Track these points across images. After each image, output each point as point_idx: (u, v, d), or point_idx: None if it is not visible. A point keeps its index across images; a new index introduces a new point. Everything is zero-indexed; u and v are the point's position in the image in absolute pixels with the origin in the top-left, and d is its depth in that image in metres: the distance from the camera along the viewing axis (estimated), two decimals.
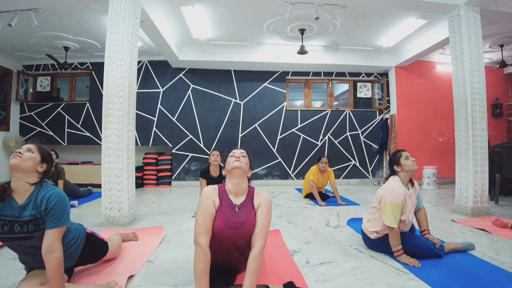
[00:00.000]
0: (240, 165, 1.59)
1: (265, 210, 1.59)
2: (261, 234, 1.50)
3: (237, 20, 4.34)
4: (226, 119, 6.12)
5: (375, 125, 6.38)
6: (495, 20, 3.96)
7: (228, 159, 1.67)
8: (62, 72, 5.97)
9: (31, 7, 3.58)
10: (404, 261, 1.94)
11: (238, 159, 1.62)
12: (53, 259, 1.38)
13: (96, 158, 6.06)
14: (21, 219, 1.42)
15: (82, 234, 1.73)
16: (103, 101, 3.03)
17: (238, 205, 1.58)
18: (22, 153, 1.46)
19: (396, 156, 2.17)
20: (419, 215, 2.26)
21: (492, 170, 3.94)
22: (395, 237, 1.99)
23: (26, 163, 1.46)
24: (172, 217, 3.34)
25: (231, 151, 1.71)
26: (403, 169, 2.11)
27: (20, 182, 1.45)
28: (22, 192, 1.46)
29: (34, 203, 1.45)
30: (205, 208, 1.51)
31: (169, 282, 1.72)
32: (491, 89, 5.94)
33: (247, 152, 1.74)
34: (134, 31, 3.19)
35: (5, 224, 1.41)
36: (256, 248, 1.45)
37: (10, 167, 1.44)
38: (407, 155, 2.13)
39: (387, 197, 2.03)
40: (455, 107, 3.64)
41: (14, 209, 1.43)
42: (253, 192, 1.67)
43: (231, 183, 1.62)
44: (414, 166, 2.09)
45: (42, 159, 1.54)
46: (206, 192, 1.58)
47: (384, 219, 2.01)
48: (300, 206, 3.97)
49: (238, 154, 1.66)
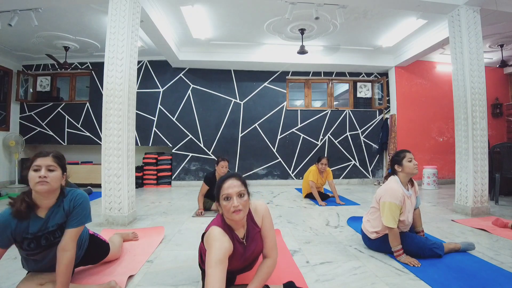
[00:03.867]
0: (243, 215, 1.35)
1: (269, 223, 1.52)
2: (273, 245, 1.47)
3: (237, 20, 4.34)
4: (226, 119, 6.12)
5: (375, 125, 6.38)
6: (495, 20, 3.95)
7: (222, 202, 1.35)
8: (62, 72, 5.98)
9: (31, 7, 3.58)
10: (404, 260, 1.94)
11: (238, 209, 1.31)
12: (64, 258, 1.40)
13: (96, 158, 6.07)
14: (46, 231, 1.41)
15: (86, 235, 1.74)
16: (103, 101, 3.03)
17: (244, 238, 1.45)
18: (46, 176, 1.37)
19: (399, 155, 2.14)
20: (414, 214, 2.25)
21: (492, 170, 3.94)
22: (394, 237, 1.99)
23: (54, 185, 1.41)
24: (172, 217, 3.34)
25: (222, 187, 1.35)
26: (403, 170, 2.10)
27: (48, 200, 1.42)
28: (46, 206, 1.43)
29: (59, 210, 1.44)
30: (219, 259, 1.25)
31: (169, 282, 1.72)
32: (491, 89, 5.94)
33: (242, 181, 1.39)
34: (134, 31, 3.19)
35: (31, 241, 1.39)
36: (271, 259, 1.43)
37: (38, 193, 1.37)
38: (411, 157, 2.11)
39: (386, 197, 2.03)
40: (455, 107, 3.64)
41: (38, 224, 1.41)
42: (250, 212, 1.51)
43: (232, 222, 1.40)
44: (414, 170, 2.09)
45: (63, 171, 1.48)
46: (218, 239, 1.31)
47: (383, 219, 2.01)
48: (300, 206, 3.97)
49: (235, 200, 1.32)
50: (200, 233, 2.66)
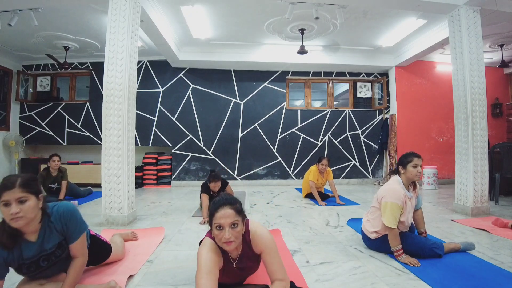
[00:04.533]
0: (235, 246, 1.31)
1: (272, 252, 1.39)
2: (279, 268, 1.37)
3: (237, 20, 4.34)
4: (226, 119, 6.12)
5: (375, 125, 6.38)
6: (495, 20, 3.95)
7: (214, 230, 1.31)
8: (62, 72, 5.97)
9: (31, 7, 3.58)
10: (404, 260, 1.94)
11: (229, 240, 1.27)
12: (77, 262, 1.46)
13: (96, 158, 6.06)
14: (44, 253, 1.39)
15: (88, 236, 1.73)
16: (103, 101, 3.03)
17: (236, 260, 1.42)
18: (18, 211, 1.24)
19: (407, 158, 2.10)
20: (416, 215, 2.25)
21: (492, 170, 3.94)
22: (394, 237, 1.99)
23: (31, 216, 1.29)
24: (172, 217, 3.34)
25: (215, 216, 1.29)
26: (406, 174, 2.09)
27: (31, 227, 1.34)
28: (33, 232, 1.37)
29: (52, 232, 1.40)
30: (209, 270, 1.26)
31: (169, 281, 1.72)
32: (491, 89, 5.93)
33: (236, 210, 1.31)
34: (134, 30, 3.19)
35: (30, 265, 1.36)
36: (283, 282, 1.35)
37: (17, 228, 1.29)
38: (417, 163, 2.05)
39: (388, 197, 2.02)
40: (455, 107, 3.64)
41: (33, 249, 1.36)
42: (248, 237, 1.41)
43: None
44: (415, 177, 2.07)
45: (37, 195, 1.33)
46: (209, 250, 1.33)
47: (384, 219, 2.01)
48: (300, 206, 3.97)
49: (227, 231, 1.26)
50: (200, 233, 2.67)
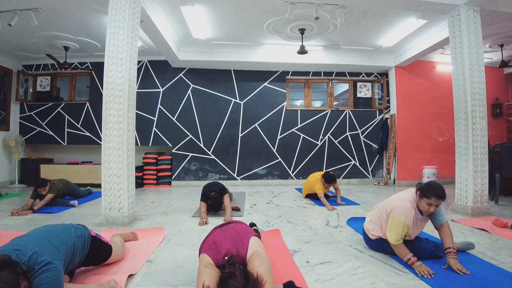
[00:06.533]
0: None
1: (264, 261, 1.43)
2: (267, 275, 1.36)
3: (237, 20, 4.34)
4: (226, 119, 6.12)
5: (375, 125, 6.38)
6: (495, 20, 3.95)
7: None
8: (62, 72, 5.98)
9: (31, 7, 3.58)
10: (418, 269, 1.79)
11: None
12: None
13: (96, 158, 6.07)
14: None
15: (88, 238, 1.72)
16: (103, 101, 3.03)
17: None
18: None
19: (427, 192, 1.89)
20: (442, 231, 2.00)
21: (492, 170, 3.94)
22: (399, 250, 1.94)
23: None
24: (172, 217, 3.34)
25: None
26: (418, 203, 1.96)
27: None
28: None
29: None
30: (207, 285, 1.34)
31: (169, 281, 1.72)
32: (491, 89, 5.94)
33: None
34: (134, 31, 3.19)
35: None
36: None
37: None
38: (433, 202, 1.86)
39: (396, 213, 1.94)
40: (455, 107, 3.64)
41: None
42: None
43: None
44: (425, 213, 1.94)
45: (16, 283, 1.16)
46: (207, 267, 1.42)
47: (388, 234, 1.96)
48: (300, 206, 3.97)
49: None
50: (200, 234, 2.67)
